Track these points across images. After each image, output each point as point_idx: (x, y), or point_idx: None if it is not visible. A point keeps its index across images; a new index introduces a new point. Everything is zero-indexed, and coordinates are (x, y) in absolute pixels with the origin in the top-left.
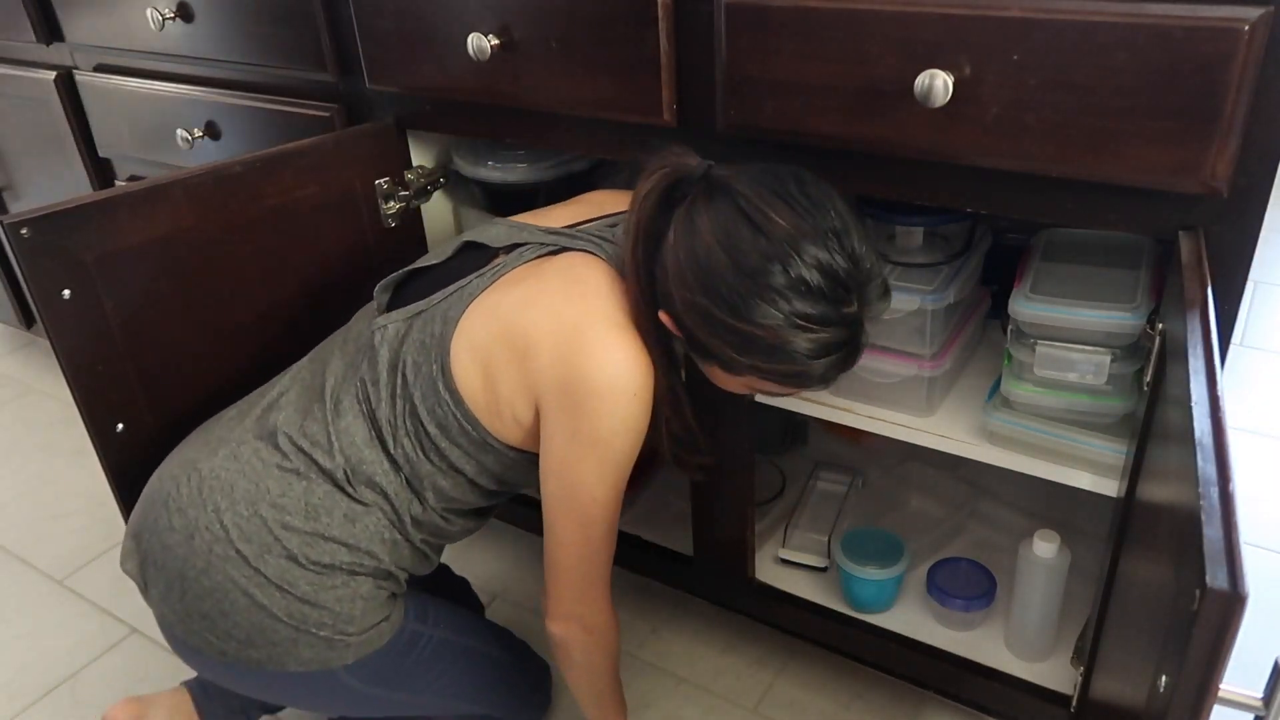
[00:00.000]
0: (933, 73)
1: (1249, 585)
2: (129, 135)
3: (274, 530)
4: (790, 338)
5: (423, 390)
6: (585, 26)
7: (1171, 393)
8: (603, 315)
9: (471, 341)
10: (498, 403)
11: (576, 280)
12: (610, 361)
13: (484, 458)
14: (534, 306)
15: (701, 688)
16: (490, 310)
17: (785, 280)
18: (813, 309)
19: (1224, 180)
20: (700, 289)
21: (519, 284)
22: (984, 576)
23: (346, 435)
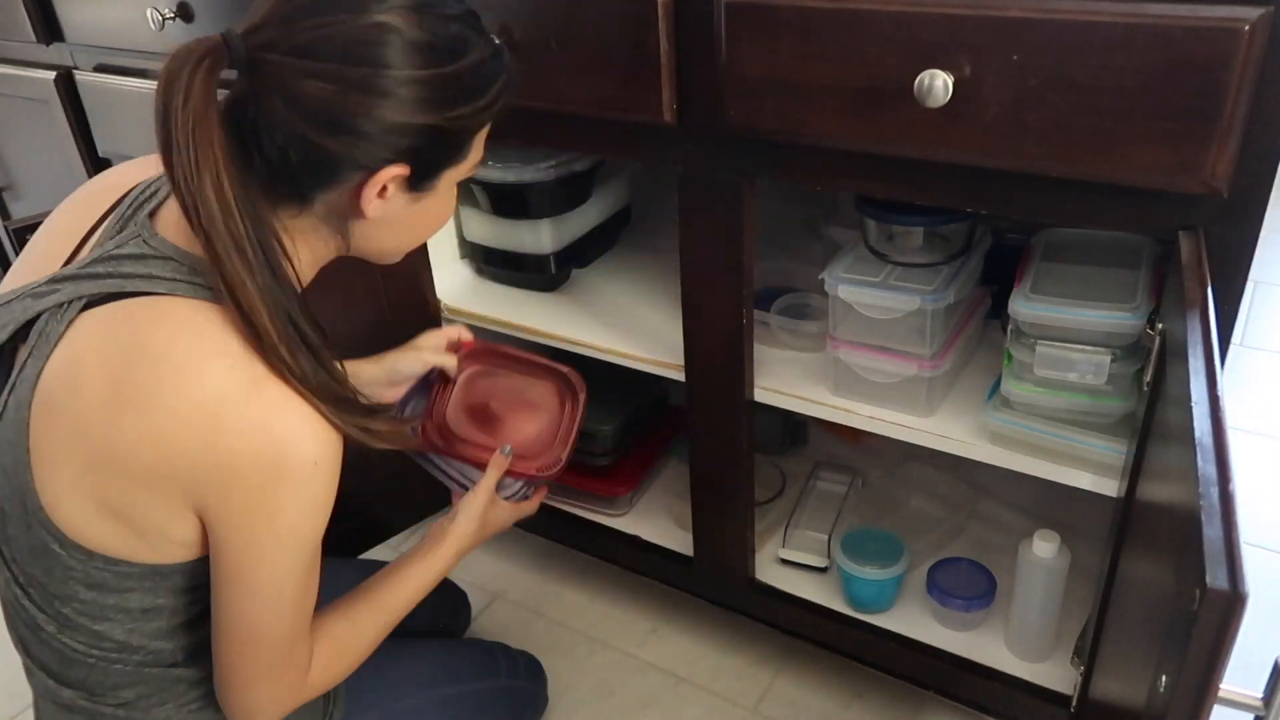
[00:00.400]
0: (933, 73)
1: (1249, 585)
2: (129, 135)
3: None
4: (474, 47)
5: (43, 564)
6: (585, 26)
7: (1171, 393)
8: (224, 385)
9: (66, 484)
10: (145, 537)
11: (163, 355)
12: (268, 440)
13: (166, 582)
14: (124, 416)
15: (701, 688)
16: (64, 436)
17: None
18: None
19: (1224, 180)
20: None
21: (77, 384)
22: (984, 576)
23: (44, 675)
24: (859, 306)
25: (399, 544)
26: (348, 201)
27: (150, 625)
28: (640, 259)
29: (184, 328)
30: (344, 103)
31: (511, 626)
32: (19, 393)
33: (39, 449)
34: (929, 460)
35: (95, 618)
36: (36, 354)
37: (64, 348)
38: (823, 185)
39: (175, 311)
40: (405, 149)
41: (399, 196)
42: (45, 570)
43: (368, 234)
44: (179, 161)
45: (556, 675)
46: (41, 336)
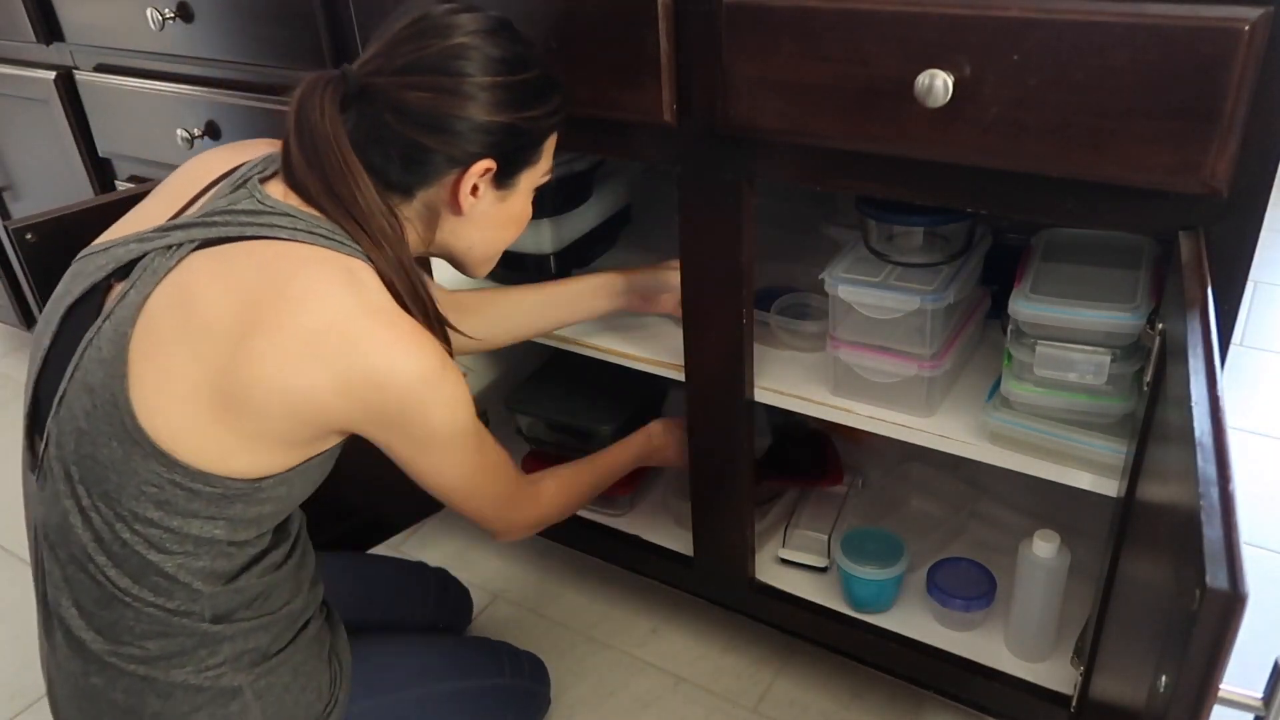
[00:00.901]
0: (933, 73)
1: (1249, 585)
2: (129, 135)
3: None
4: (536, 64)
5: (115, 480)
6: (585, 26)
7: (1171, 393)
8: (349, 308)
9: (168, 393)
10: (240, 446)
11: (289, 279)
12: (393, 355)
13: (230, 510)
14: (253, 332)
15: (701, 688)
16: (177, 348)
17: (499, 44)
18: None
19: (1224, 180)
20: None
21: (195, 303)
22: (984, 576)
23: (80, 614)
24: (859, 306)
25: (400, 542)
26: (445, 197)
27: (198, 563)
28: (640, 259)
29: (308, 261)
30: (439, 106)
31: (511, 626)
32: (118, 316)
33: (139, 364)
34: (929, 460)
35: (151, 545)
36: (140, 286)
37: (175, 277)
38: (823, 185)
39: (297, 250)
40: (491, 145)
41: (488, 194)
42: (119, 485)
43: (457, 230)
44: (323, 152)
45: (557, 675)
46: (146, 271)
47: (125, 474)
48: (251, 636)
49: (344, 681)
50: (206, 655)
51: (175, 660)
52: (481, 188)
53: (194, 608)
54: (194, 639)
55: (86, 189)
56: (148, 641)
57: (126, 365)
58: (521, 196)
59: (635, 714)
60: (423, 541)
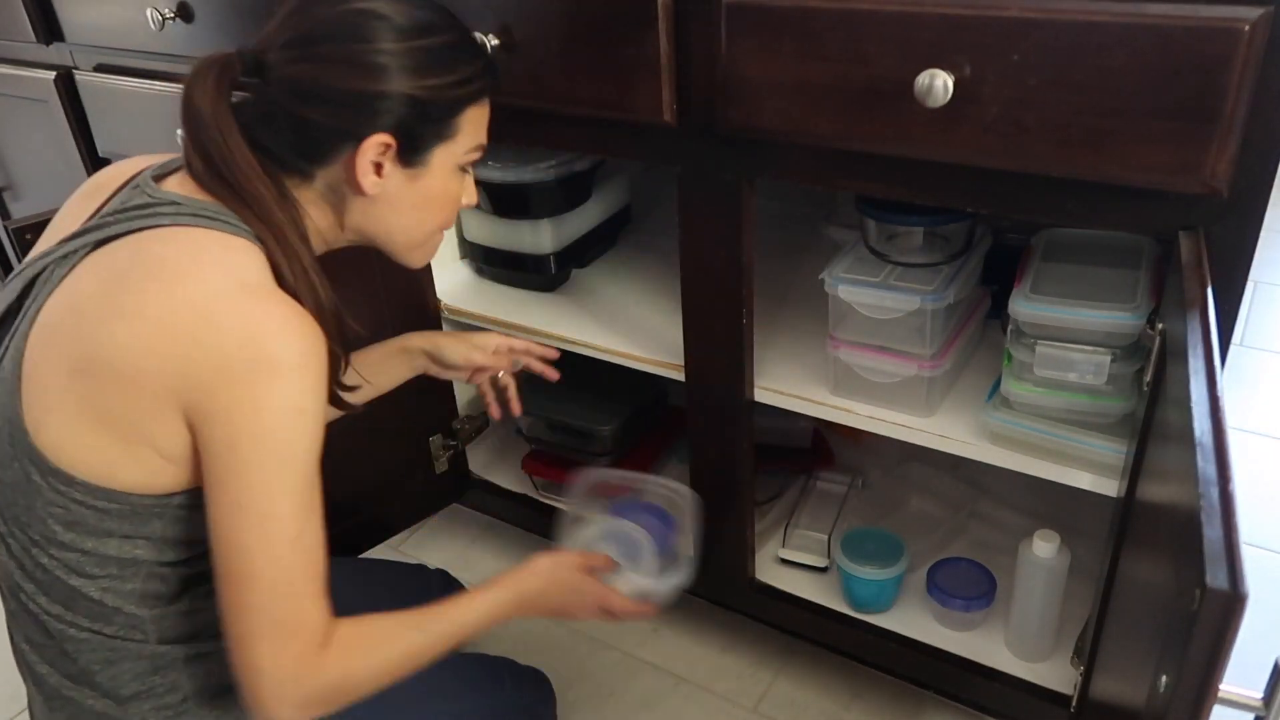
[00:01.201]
0: (933, 73)
1: (1249, 585)
2: (129, 135)
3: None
4: (444, 30)
5: (24, 502)
6: (585, 26)
7: (1171, 393)
8: (219, 286)
9: (55, 402)
10: (129, 446)
11: (160, 261)
12: (256, 332)
13: (146, 528)
14: (117, 316)
15: (701, 688)
16: (57, 351)
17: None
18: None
19: (1224, 180)
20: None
21: (74, 301)
22: (984, 576)
23: (34, 652)
24: (859, 306)
25: (399, 542)
26: (346, 177)
27: (126, 585)
28: (640, 259)
29: (185, 242)
30: (326, 77)
31: (511, 626)
32: (19, 333)
33: (31, 374)
34: (929, 460)
35: (71, 570)
36: (38, 300)
37: (67, 285)
38: (823, 185)
39: (177, 233)
40: (387, 119)
41: (395, 173)
42: (26, 508)
43: (368, 213)
44: (208, 138)
45: (556, 675)
46: (45, 284)
47: (30, 495)
48: (208, 663)
49: None
50: (165, 690)
51: (132, 700)
52: (386, 166)
53: (138, 634)
54: (144, 663)
55: None
56: (100, 673)
57: (20, 381)
58: (439, 175)
59: (635, 714)
60: (422, 542)
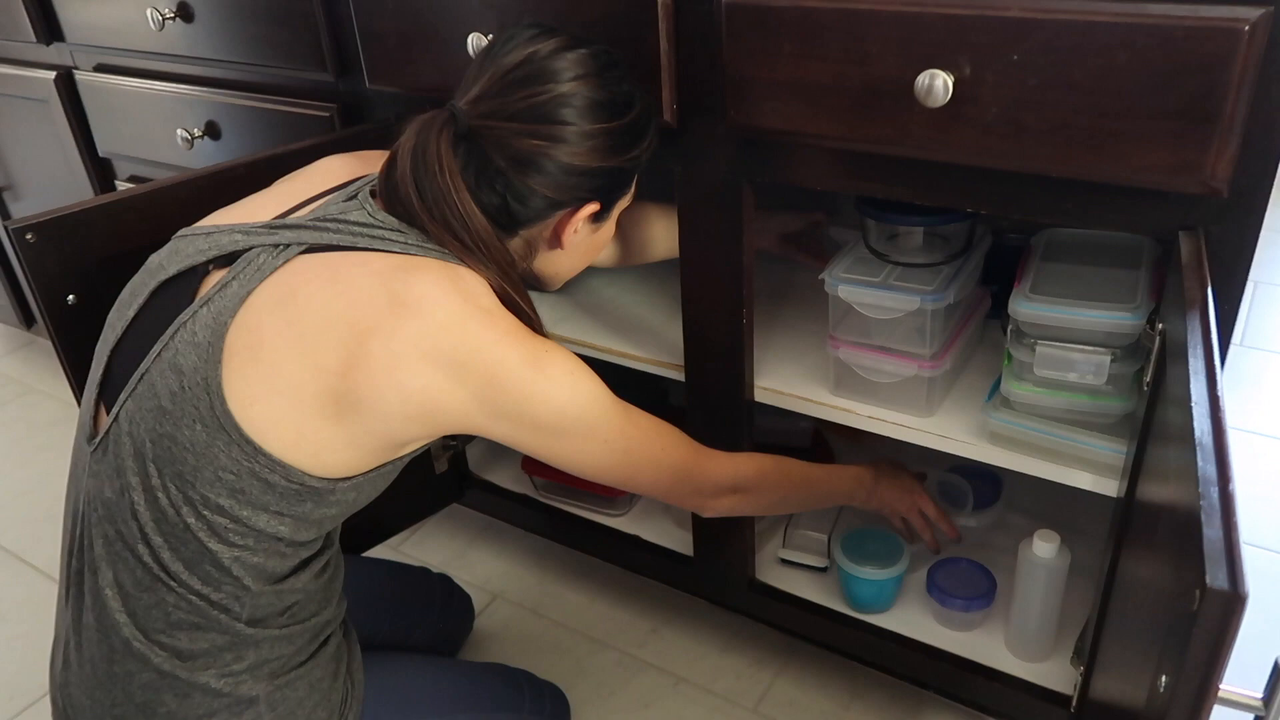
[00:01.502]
0: (933, 73)
1: (1249, 585)
2: (129, 135)
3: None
4: (638, 99)
5: (191, 462)
6: (586, 27)
7: (1171, 393)
8: (464, 312)
9: (267, 385)
10: (336, 441)
11: (406, 286)
12: (504, 349)
13: (300, 507)
14: (372, 333)
15: (701, 688)
16: (282, 342)
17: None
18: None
19: (1224, 180)
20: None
21: (306, 302)
22: (984, 576)
23: (118, 593)
24: (859, 306)
25: (399, 544)
26: (549, 234)
27: (254, 558)
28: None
29: (419, 270)
30: (548, 154)
31: (511, 626)
32: (218, 305)
33: (238, 354)
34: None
35: (214, 533)
36: (243, 279)
37: (280, 276)
38: (823, 185)
39: (409, 261)
40: (597, 188)
41: (585, 227)
42: (195, 468)
43: (550, 259)
44: (437, 194)
45: (556, 675)
46: (250, 266)
47: (204, 458)
48: (278, 645)
49: (354, 703)
50: (232, 660)
51: (201, 660)
52: (580, 223)
53: (235, 605)
54: (225, 639)
55: (86, 189)
56: (180, 633)
57: (222, 353)
58: (611, 223)
59: (635, 714)
60: (422, 542)
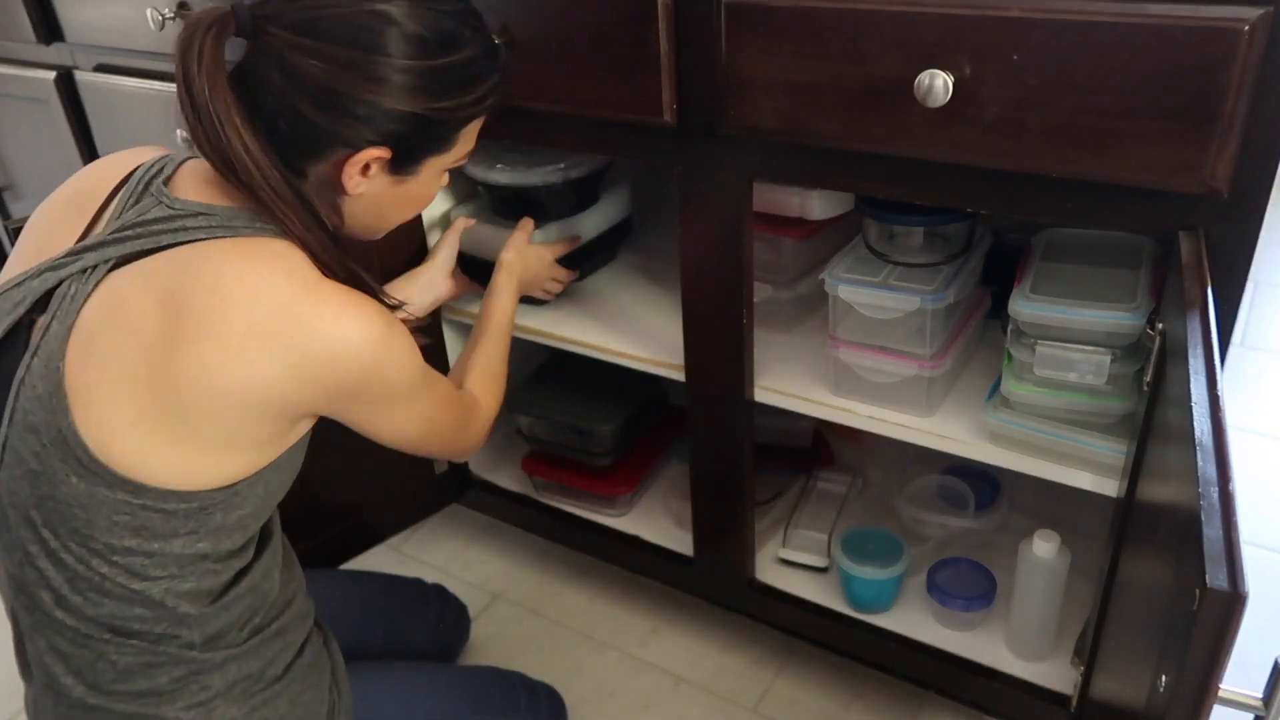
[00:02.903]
0: (933, 73)
1: (1249, 585)
2: (129, 135)
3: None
4: (467, 44)
5: (82, 516)
6: (585, 26)
7: (1171, 393)
8: (286, 292)
9: (117, 418)
10: (205, 457)
11: (217, 276)
12: (341, 329)
13: (211, 521)
14: (195, 338)
15: (701, 688)
16: (115, 372)
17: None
18: (457, 21)
19: (1224, 180)
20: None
21: (126, 321)
22: (984, 576)
23: (58, 660)
24: (859, 306)
25: (399, 544)
26: (332, 177)
27: (185, 585)
28: (640, 262)
29: (231, 254)
30: (334, 82)
31: (511, 626)
32: (46, 350)
33: (79, 394)
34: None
35: (133, 574)
36: (61, 316)
37: (97, 300)
38: (823, 185)
39: (218, 246)
40: (389, 133)
41: (381, 177)
42: (88, 521)
43: (349, 208)
44: (205, 122)
45: (556, 675)
46: (65, 299)
47: (92, 508)
48: (244, 662)
49: (342, 713)
50: (198, 689)
51: (166, 696)
52: (374, 169)
53: (184, 633)
54: (183, 669)
55: None
56: (134, 678)
57: (66, 398)
58: (423, 180)
59: (635, 714)
60: (421, 542)
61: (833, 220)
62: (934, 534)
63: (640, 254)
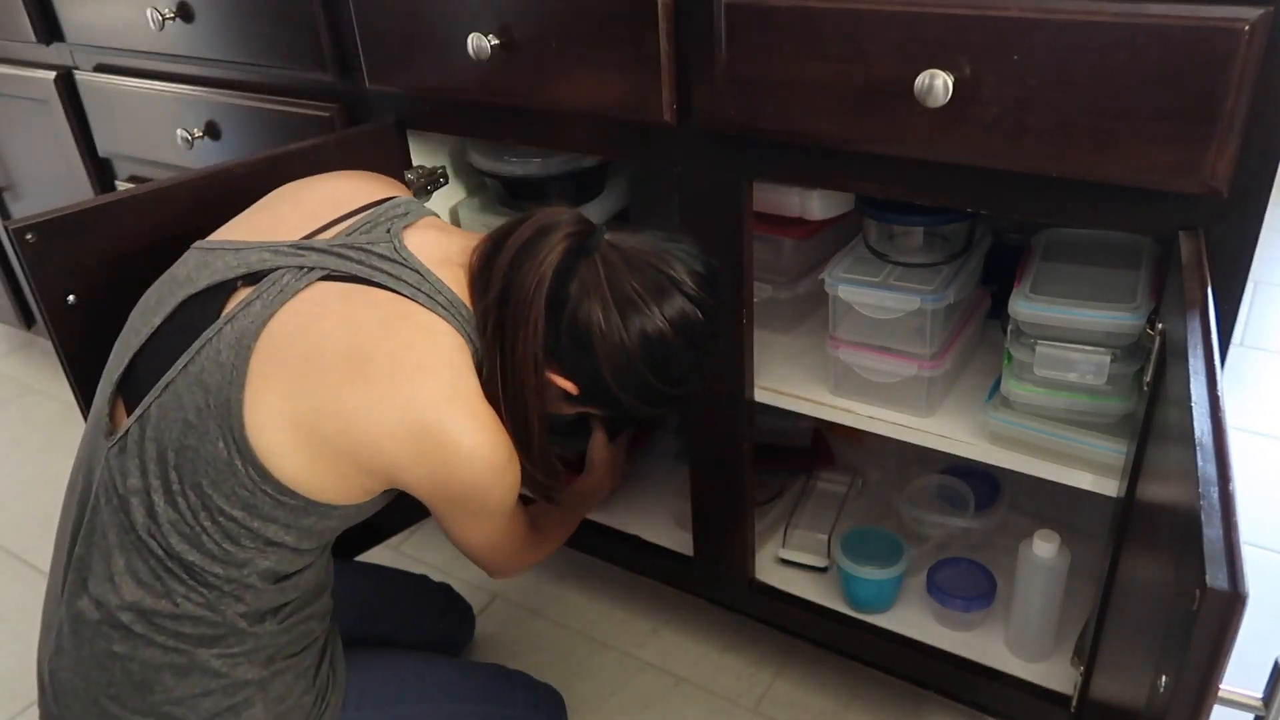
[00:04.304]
0: (933, 73)
1: (1249, 585)
2: (129, 135)
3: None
4: (693, 382)
5: (212, 475)
6: (585, 26)
7: (1171, 393)
8: (449, 392)
9: (275, 414)
10: (327, 477)
11: (406, 346)
12: (476, 447)
13: (305, 521)
14: (360, 385)
15: (701, 688)
16: (290, 375)
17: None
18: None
19: (1224, 180)
20: (641, 367)
21: (316, 337)
22: (984, 576)
23: (128, 580)
24: (859, 306)
25: (399, 544)
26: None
27: (265, 561)
28: None
29: (425, 331)
30: (592, 343)
31: (511, 626)
32: (240, 325)
33: (256, 379)
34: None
35: (228, 537)
36: (265, 299)
37: (300, 303)
38: (823, 185)
39: (419, 315)
40: (591, 394)
41: (555, 392)
42: (214, 482)
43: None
44: (510, 316)
45: (556, 675)
46: (275, 286)
47: (224, 474)
48: (275, 637)
49: (336, 687)
50: (235, 643)
51: (204, 642)
52: (556, 384)
53: (239, 603)
54: (224, 630)
55: (86, 189)
56: (184, 622)
57: (246, 375)
58: (571, 411)
59: (635, 714)
60: (422, 542)
61: (833, 220)
62: (934, 534)
63: None
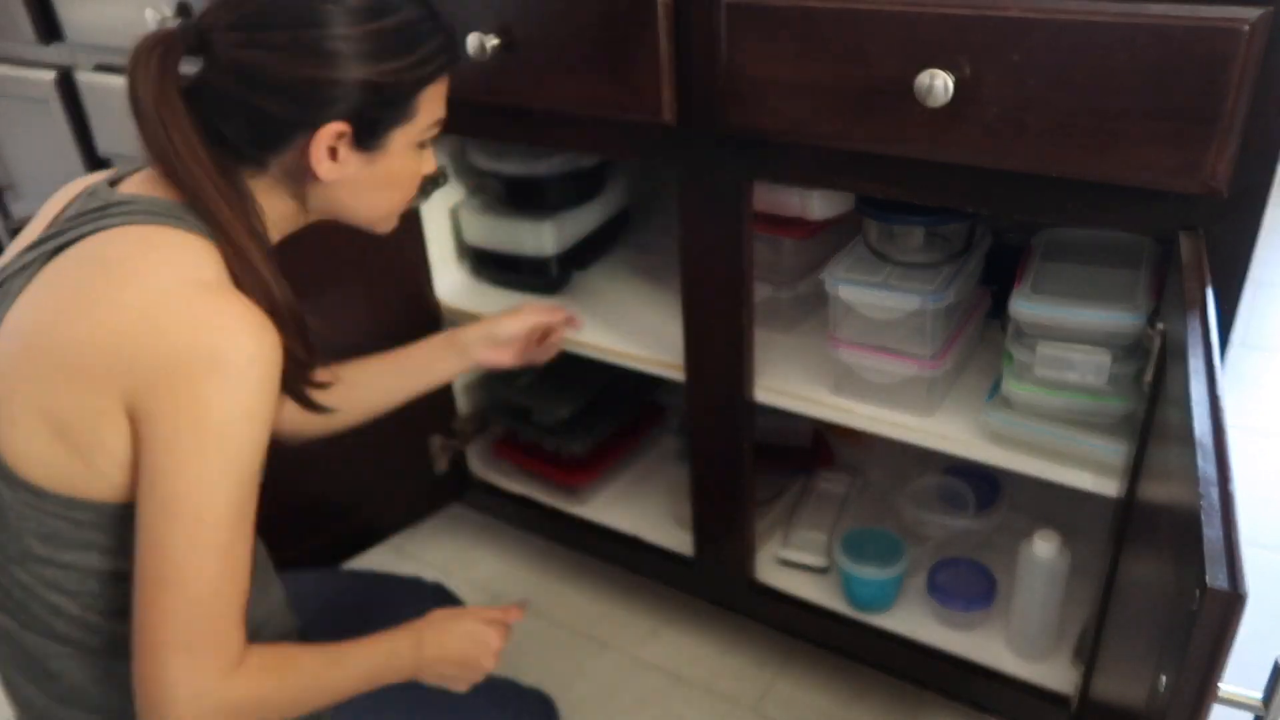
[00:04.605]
0: (933, 73)
1: (1249, 585)
2: (129, 135)
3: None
4: (402, 8)
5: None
6: (586, 26)
7: (1171, 393)
8: (172, 280)
9: (16, 410)
10: (82, 453)
11: (115, 260)
12: (204, 332)
13: (128, 533)
14: (74, 314)
15: (701, 688)
16: (27, 350)
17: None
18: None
19: (1224, 180)
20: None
21: (37, 317)
22: (984, 576)
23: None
24: (859, 306)
25: (399, 544)
26: (301, 164)
27: (112, 604)
28: (640, 260)
29: (134, 240)
30: (276, 64)
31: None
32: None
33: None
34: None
35: (50, 585)
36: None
37: (25, 295)
38: (823, 185)
39: (127, 232)
40: (341, 107)
41: (351, 157)
42: (1, 526)
43: (328, 196)
44: (149, 129)
45: (556, 675)
46: (5, 298)
47: (3, 511)
48: None
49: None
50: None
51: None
52: (342, 151)
53: (123, 649)
54: (99, 677)
55: None
56: (91, 690)
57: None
58: (398, 155)
59: (635, 714)
60: (422, 542)
61: (833, 220)
62: (934, 534)
63: (638, 251)
